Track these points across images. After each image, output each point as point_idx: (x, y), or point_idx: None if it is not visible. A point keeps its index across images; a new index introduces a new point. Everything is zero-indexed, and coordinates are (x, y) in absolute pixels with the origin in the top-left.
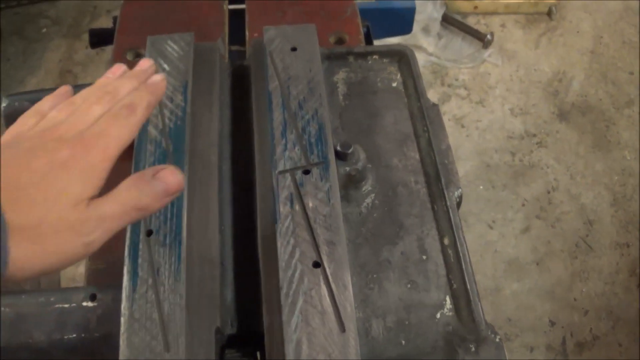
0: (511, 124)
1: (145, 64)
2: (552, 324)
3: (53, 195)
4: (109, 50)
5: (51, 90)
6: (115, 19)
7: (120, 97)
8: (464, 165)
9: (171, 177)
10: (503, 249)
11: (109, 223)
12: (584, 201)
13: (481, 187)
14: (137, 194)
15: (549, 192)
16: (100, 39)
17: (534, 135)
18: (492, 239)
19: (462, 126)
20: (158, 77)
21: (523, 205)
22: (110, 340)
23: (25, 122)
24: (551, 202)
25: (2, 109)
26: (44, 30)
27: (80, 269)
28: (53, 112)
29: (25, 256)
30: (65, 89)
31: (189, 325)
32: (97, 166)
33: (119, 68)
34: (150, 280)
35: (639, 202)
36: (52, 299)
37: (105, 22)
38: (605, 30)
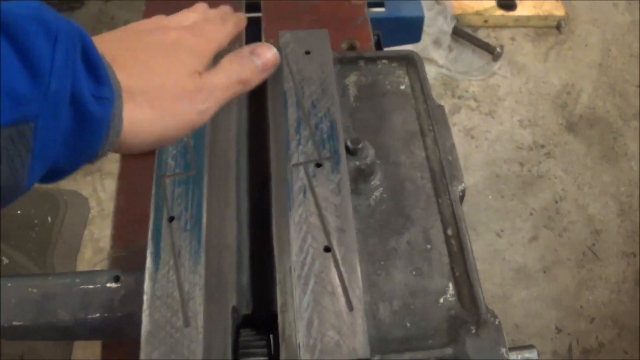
0: (520, 135)
1: (225, 7)
2: (559, 330)
3: (170, 64)
4: None
5: None
6: None
7: (210, 14)
8: (474, 175)
9: (268, 53)
10: (511, 257)
11: (219, 93)
12: (591, 211)
13: (490, 196)
14: (240, 67)
15: (556, 202)
16: None
17: (543, 146)
18: (500, 248)
19: (472, 137)
20: (240, 13)
21: (531, 214)
22: (131, 320)
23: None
24: (559, 212)
25: None
26: None
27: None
28: (150, 19)
29: (145, 119)
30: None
31: (207, 303)
32: (203, 48)
33: (201, 5)
34: (171, 262)
35: None
36: (77, 281)
37: None
38: (613, 43)
